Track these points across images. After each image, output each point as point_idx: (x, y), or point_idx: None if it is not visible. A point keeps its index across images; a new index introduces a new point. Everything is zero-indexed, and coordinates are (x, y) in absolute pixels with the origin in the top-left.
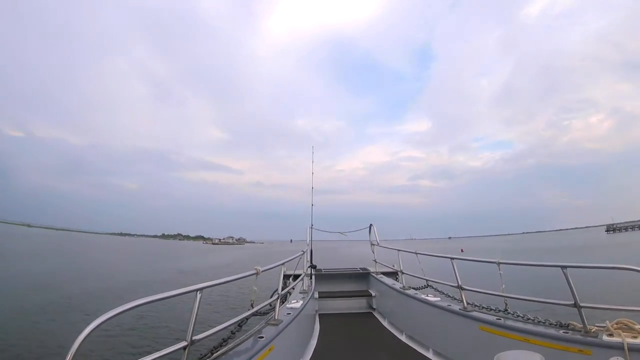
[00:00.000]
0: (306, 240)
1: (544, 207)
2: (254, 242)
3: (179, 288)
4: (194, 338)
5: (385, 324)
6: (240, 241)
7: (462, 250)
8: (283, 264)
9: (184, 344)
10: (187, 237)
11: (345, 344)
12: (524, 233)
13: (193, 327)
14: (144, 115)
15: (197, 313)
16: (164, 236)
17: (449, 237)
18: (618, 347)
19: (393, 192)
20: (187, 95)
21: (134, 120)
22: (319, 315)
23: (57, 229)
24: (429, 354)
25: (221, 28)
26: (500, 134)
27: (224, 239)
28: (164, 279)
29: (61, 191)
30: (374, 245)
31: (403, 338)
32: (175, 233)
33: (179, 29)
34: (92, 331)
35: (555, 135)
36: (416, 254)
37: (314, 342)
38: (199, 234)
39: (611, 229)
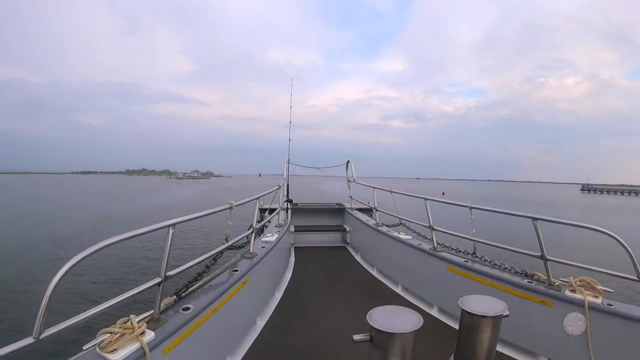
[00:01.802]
0: (282, 175)
1: (511, 159)
2: (221, 176)
3: (150, 225)
4: (168, 274)
5: (357, 258)
6: (207, 175)
7: (443, 193)
8: (258, 198)
9: (157, 280)
10: (153, 172)
11: (319, 276)
12: (488, 180)
13: (167, 263)
14: (109, 48)
15: (170, 249)
16: (128, 172)
17: (417, 178)
18: (579, 304)
19: (364, 129)
20: (154, 24)
21: (98, 53)
22: (295, 248)
23: (17, 173)
24: (398, 289)
25: None
26: (475, 82)
27: (189, 173)
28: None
29: (22, 133)
30: (350, 182)
31: (374, 272)
32: (140, 168)
33: None
34: (65, 273)
35: (530, 91)
36: (391, 192)
37: (288, 275)
38: (165, 169)
39: (586, 188)
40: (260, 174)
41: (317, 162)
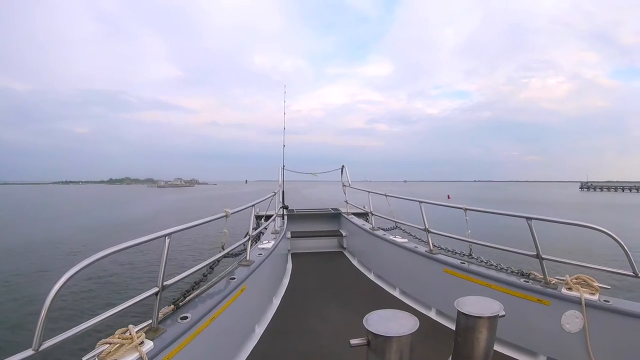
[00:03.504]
0: (269, 181)
1: (496, 159)
2: (207, 184)
3: (146, 235)
4: (165, 283)
5: (355, 262)
6: (191, 183)
7: (449, 197)
8: (253, 205)
9: (155, 290)
10: (137, 181)
11: (317, 281)
12: (475, 181)
13: (164, 273)
14: (94, 55)
15: (166, 258)
16: (111, 181)
17: (405, 181)
18: (575, 301)
19: (350, 134)
20: (139, 30)
21: (83, 61)
22: (292, 254)
23: None
24: (396, 293)
25: None
26: (459, 84)
27: (171, 181)
28: None
29: (5, 142)
30: (345, 186)
31: (371, 277)
32: (123, 177)
33: None
34: (63, 285)
35: (513, 92)
36: (386, 196)
37: (286, 281)
38: (149, 177)
39: (586, 186)
40: (246, 181)
41: (305, 168)
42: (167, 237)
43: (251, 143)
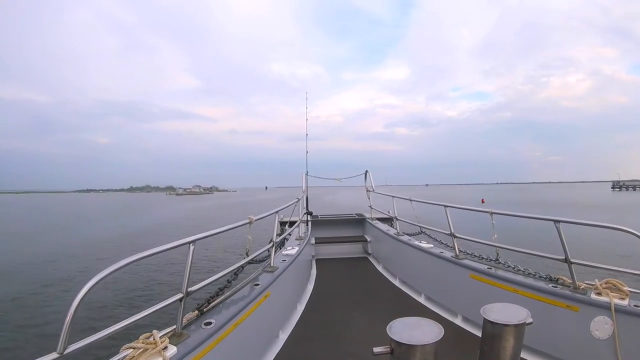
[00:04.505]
0: (289, 187)
1: (518, 160)
2: (226, 191)
3: (172, 242)
4: (189, 289)
5: (379, 268)
6: (211, 190)
7: (482, 201)
8: (277, 211)
9: (179, 296)
10: (157, 189)
11: (341, 287)
12: (498, 183)
13: (188, 279)
14: (114, 67)
15: (191, 265)
16: (131, 189)
17: (427, 185)
18: (605, 307)
19: (369, 138)
20: (158, 43)
21: (104, 72)
22: (316, 260)
23: (17, 193)
24: (421, 299)
25: None
26: (478, 85)
27: (189, 188)
28: None
29: (31, 153)
30: (369, 191)
31: (396, 283)
32: (144, 185)
33: None
34: (89, 290)
35: (533, 91)
36: (410, 200)
37: (310, 287)
38: (169, 185)
39: (617, 186)
40: (266, 187)
41: (325, 174)
42: (191, 244)
43: (270, 150)
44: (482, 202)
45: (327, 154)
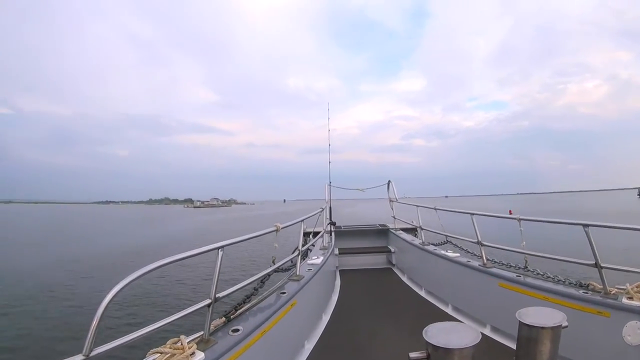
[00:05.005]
0: (308, 200)
1: (537, 170)
2: (245, 203)
3: (200, 247)
4: (217, 295)
5: (404, 279)
6: (229, 203)
7: (510, 212)
8: (302, 220)
9: (208, 301)
10: (175, 201)
11: (366, 298)
12: (518, 194)
13: (216, 285)
14: (133, 81)
15: (219, 271)
16: (150, 201)
17: (446, 196)
18: (637, 311)
19: (386, 150)
20: (176, 57)
21: (124, 86)
22: (340, 271)
23: (36, 203)
24: (448, 309)
25: None
26: (494, 95)
27: (207, 201)
28: None
29: (50, 164)
30: (392, 201)
31: (422, 293)
32: (163, 197)
33: None
34: (117, 293)
35: (550, 99)
36: (435, 209)
37: (335, 297)
38: (188, 197)
39: None
40: (284, 200)
41: (343, 186)
42: (220, 250)
43: (288, 163)
44: (510, 213)
45: (344, 166)
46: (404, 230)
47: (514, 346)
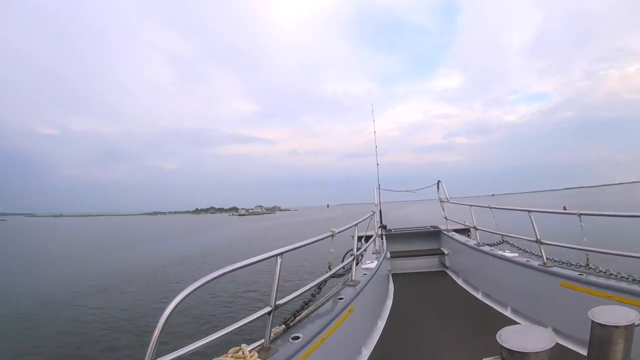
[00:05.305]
0: (350, 204)
1: (584, 162)
2: (288, 210)
3: (259, 254)
4: (277, 303)
5: (459, 282)
6: (273, 210)
7: (565, 209)
8: (356, 225)
9: (268, 309)
10: (221, 210)
11: (420, 303)
12: (566, 189)
13: (276, 292)
14: (175, 98)
15: (279, 278)
16: (196, 211)
17: (493, 195)
18: None
19: (428, 150)
20: (213, 72)
21: (166, 103)
22: (392, 275)
23: (86, 216)
24: (507, 312)
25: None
26: (535, 86)
27: (252, 208)
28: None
29: (100, 179)
30: (443, 202)
31: (479, 296)
32: (208, 207)
33: (195, 8)
34: (178, 303)
35: (591, 87)
36: (490, 208)
37: (389, 303)
38: (233, 206)
39: None
40: (328, 205)
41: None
42: (278, 257)
43: (329, 168)
44: (565, 209)
45: (387, 168)
46: (457, 231)
47: (578, 348)
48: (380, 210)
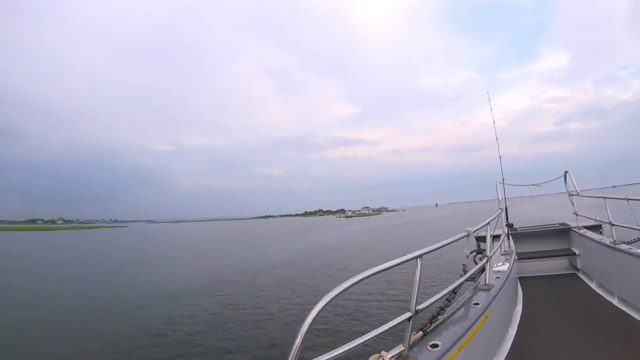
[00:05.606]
0: (460, 203)
1: None
2: (395, 210)
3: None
4: (417, 308)
5: (593, 286)
6: (379, 211)
7: None
8: (488, 223)
9: (408, 315)
10: (328, 212)
11: (551, 310)
12: None
13: (417, 297)
14: (277, 107)
15: (419, 281)
16: (305, 213)
17: (613, 186)
18: None
19: (539, 140)
20: (311, 79)
21: (269, 113)
22: (519, 278)
23: (200, 220)
24: None
25: (325, 7)
26: None
27: (359, 210)
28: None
29: (216, 187)
30: (572, 195)
31: (615, 302)
32: (316, 209)
33: (285, 21)
34: (320, 310)
35: None
36: (627, 200)
37: (519, 309)
38: (340, 208)
39: None
40: (437, 204)
41: (492, 183)
42: (418, 259)
43: (435, 165)
44: None
45: (496, 162)
46: (589, 228)
47: None
48: (506, 207)
